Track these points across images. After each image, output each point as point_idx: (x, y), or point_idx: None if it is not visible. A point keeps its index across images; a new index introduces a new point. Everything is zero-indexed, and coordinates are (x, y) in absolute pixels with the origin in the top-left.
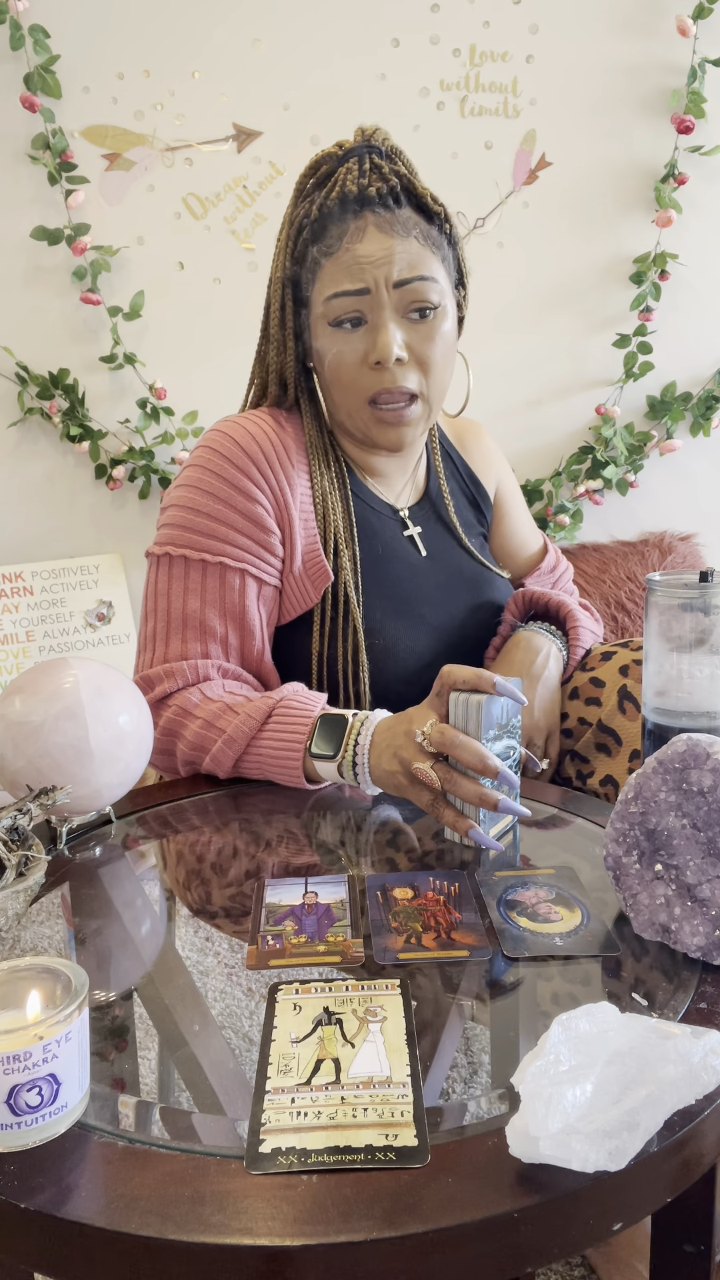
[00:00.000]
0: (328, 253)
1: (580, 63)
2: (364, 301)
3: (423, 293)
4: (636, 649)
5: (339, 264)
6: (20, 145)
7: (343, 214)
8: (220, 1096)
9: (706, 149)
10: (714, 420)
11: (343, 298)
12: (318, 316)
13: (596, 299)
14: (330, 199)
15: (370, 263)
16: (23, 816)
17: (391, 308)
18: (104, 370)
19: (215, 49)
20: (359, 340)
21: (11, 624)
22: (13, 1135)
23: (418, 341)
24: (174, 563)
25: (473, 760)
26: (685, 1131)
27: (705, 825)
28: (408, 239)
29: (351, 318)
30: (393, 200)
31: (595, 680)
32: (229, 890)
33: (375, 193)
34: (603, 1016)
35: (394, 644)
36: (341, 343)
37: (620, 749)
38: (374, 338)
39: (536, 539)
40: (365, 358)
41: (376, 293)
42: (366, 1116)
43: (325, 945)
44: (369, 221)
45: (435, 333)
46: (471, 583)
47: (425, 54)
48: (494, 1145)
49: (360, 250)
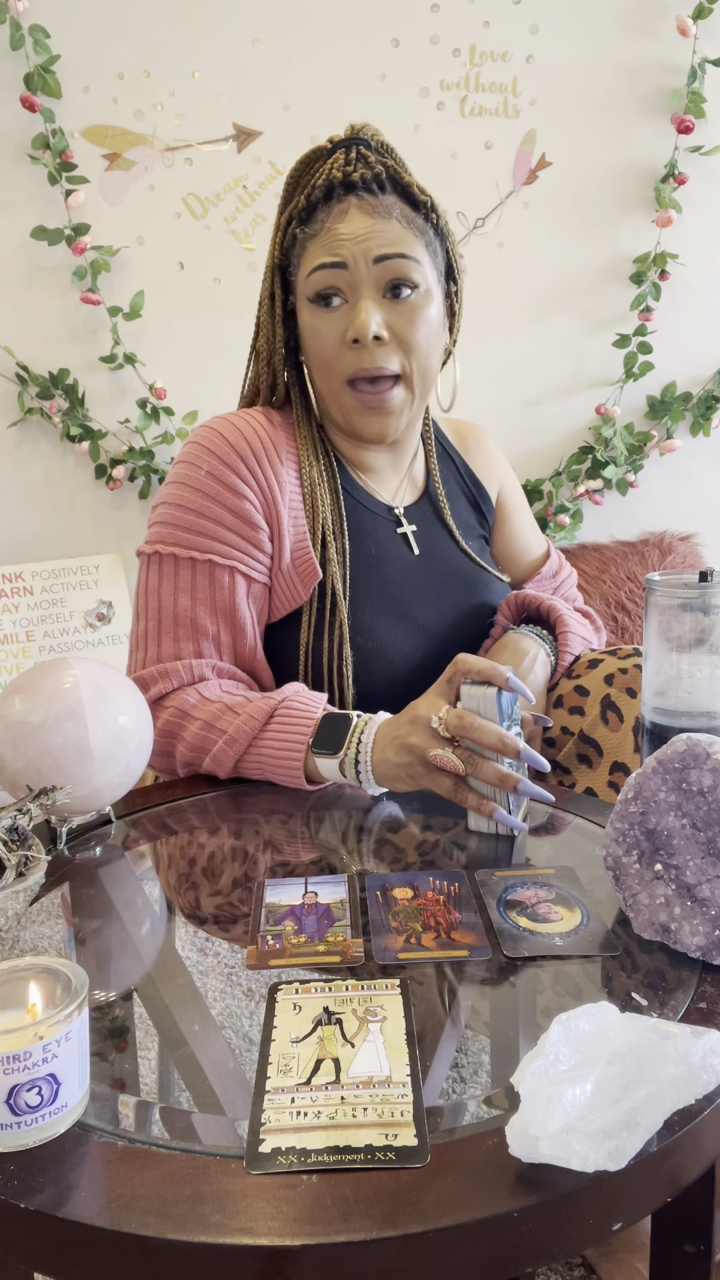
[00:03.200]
0: (313, 234)
1: (580, 63)
2: (342, 276)
3: (402, 269)
4: (625, 657)
5: (320, 242)
6: (20, 145)
7: (327, 199)
8: (220, 1096)
9: (706, 149)
10: (714, 420)
11: (321, 271)
12: (301, 296)
13: (596, 299)
14: (316, 187)
15: (349, 239)
16: (23, 816)
17: (370, 284)
18: (104, 370)
19: (215, 49)
20: (339, 318)
21: (11, 624)
22: (13, 1135)
23: (397, 320)
24: (164, 561)
25: (493, 741)
26: (685, 1131)
27: (705, 825)
28: (389, 220)
29: (329, 291)
30: (376, 186)
31: (580, 689)
32: (228, 891)
33: (359, 178)
34: (602, 1016)
35: (382, 644)
36: (321, 320)
37: (601, 761)
38: (352, 315)
39: (540, 544)
40: (344, 336)
41: (355, 268)
42: (366, 1116)
43: (325, 945)
44: (351, 204)
45: (416, 313)
46: (466, 584)
47: (425, 54)
48: (494, 1145)
49: (341, 228)
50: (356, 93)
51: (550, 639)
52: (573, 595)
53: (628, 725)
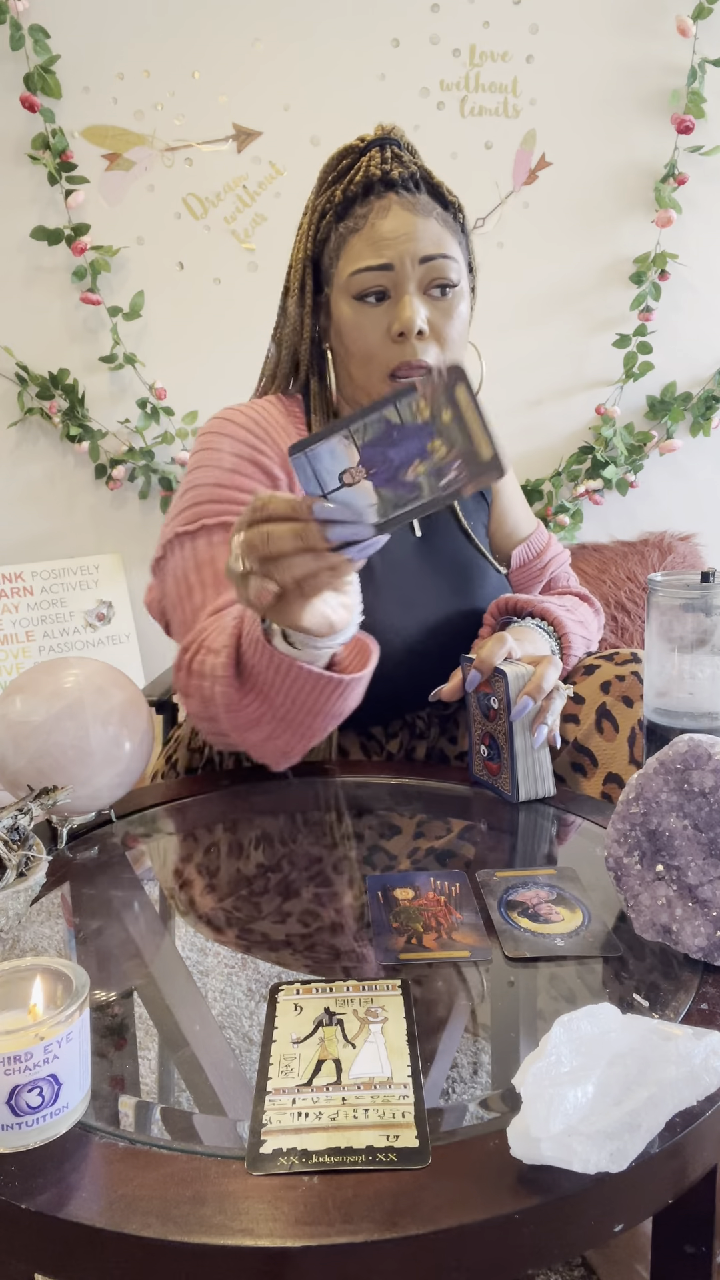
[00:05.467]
0: (354, 229)
1: (580, 63)
2: (388, 276)
3: (444, 270)
4: (622, 663)
5: (365, 239)
6: (20, 145)
7: (366, 195)
8: (221, 1097)
9: (706, 149)
10: (714, 420)
11: (368, 272)
12: (340, 290)
13: (596, 299)
14: (354, 182)
15: (395, 238)
16: (23, 816)
17: (415, 281)
18: (104, 370)
19: (215, 49)
20: (382, 314)
21: (11, 624)
22: (13, 1136)
23: (438, 317)
24: (196, 536)
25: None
26: (686, 1133)
27: (706, 826)
28: (429, 219)
29: (376, 291)
30: (414, 185)
31: (575, 696)
32: (228, 890)
33: (398, 176)
34: (604, 1018)
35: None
36: (364, 316)
37: (596, 771)
38: (397, 310)
39: (530, 522)
40: (388, 330)
41: (401, 268)
42: (367, 1117)
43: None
44: (393, 201)
45: (454, 310)
46: (464, 569)
47: (425, 54)
48: (495, 1146)
49: (386, 226)
50: (356, 93)
51: (555, 638)
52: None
53: (623, 735)
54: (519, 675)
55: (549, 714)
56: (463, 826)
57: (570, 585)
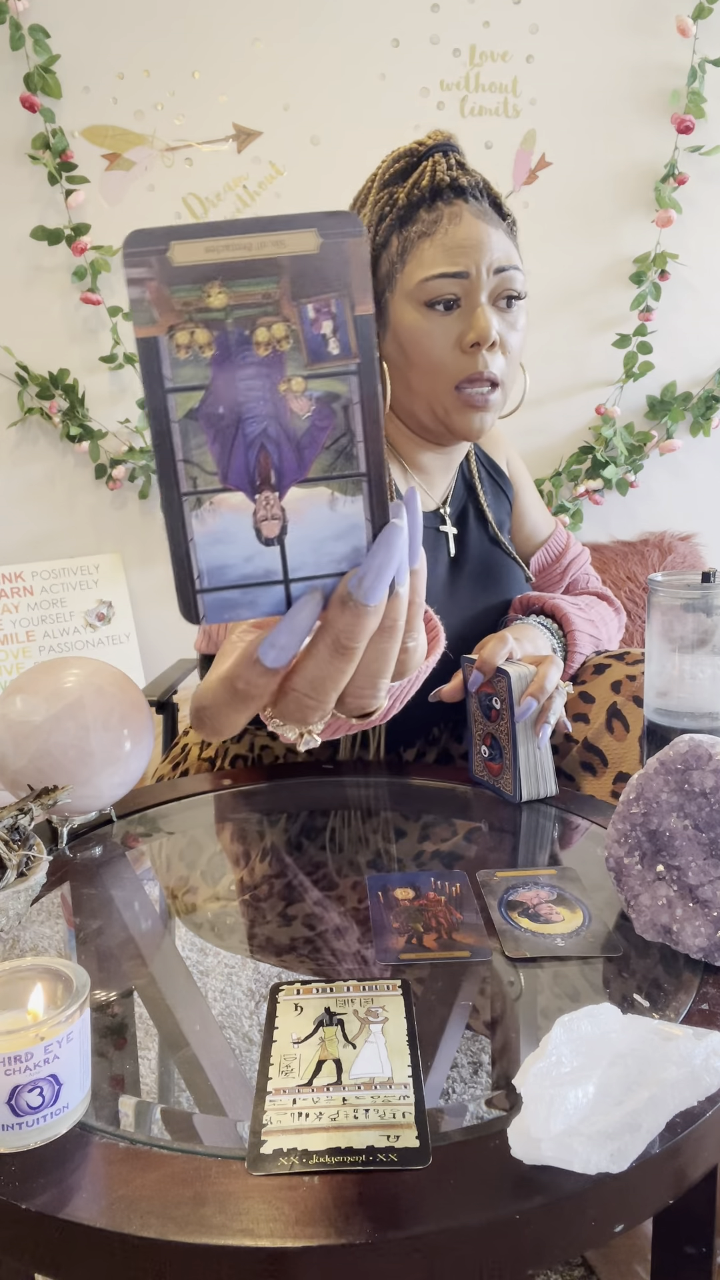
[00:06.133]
0: (425, 234)
1: (580, 63)
2: (462, 285)
3: (514, 282)
4: (633, 663)
5: (438, 245)
6: (20, 145)
7: (434, 200)
8: (221, 1097)
9: (706, 149)
10: (714, 420)
11: (442, 279)
12: (404, 296)
13: (596, 299)
14: (421, 186)
15: (471, 246)
16: (24, 816)
17: (487, 291)
18: (104, 370)
19: (215, 49)
20: (453, 323)
21: (11, 624)
22: (14, 1136)
23: (505, 329)
24: None
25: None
26: (687, 1133)
27: (707, 826)
28: (499, 229)
29: (447, 299)
30: (479, 193)
31: (585, 695)
32: (228, 890)
33: (466, 183)
34: (604, 1018)
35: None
36: (434, 324)
37: (605, 770)
38: (470, 320)
39: (548, 523)
40: (459, 340)
41: (476, 276)
42: (368, 1118)
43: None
44: (463, 209)
45: (518, 323)
46: (494, 578)
47: (425, 54)
48: (496, 1147)
49: (460, 234)
50: (356, 93)
51: (560, 635)
52: (586, 575)
53: (634, 735)
54: (522, 676)
55: (551, 713)
56: (468, 829)
57: (590, 586)
